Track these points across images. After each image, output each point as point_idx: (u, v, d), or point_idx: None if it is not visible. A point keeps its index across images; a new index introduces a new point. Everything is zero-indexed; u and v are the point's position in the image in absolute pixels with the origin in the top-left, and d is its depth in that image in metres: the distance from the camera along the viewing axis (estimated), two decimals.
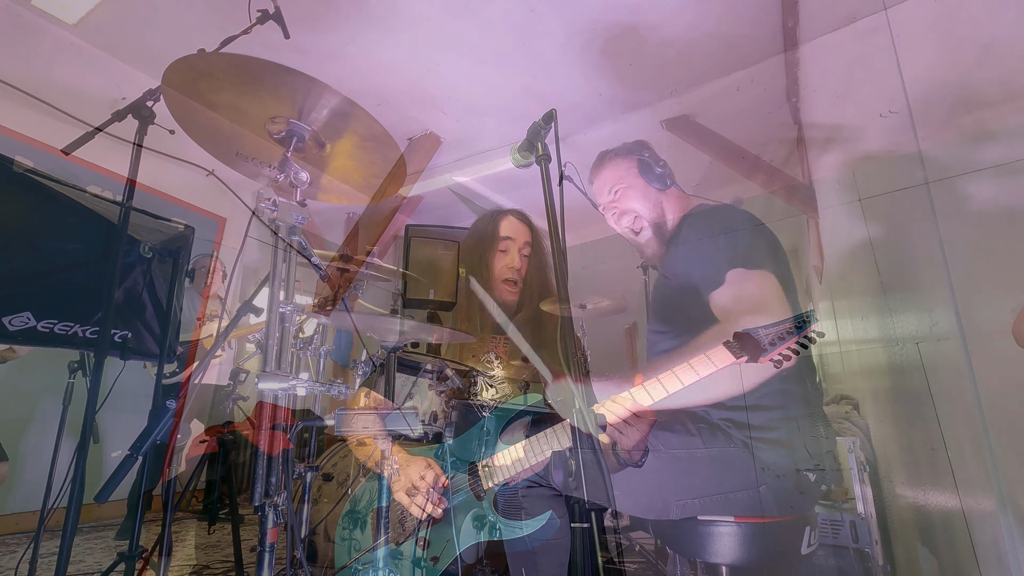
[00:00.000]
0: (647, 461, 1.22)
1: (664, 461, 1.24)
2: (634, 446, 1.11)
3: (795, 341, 1.05)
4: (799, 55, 2.64)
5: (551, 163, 1.05)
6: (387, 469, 1.17)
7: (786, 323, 1.06)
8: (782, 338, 1.05)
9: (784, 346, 1.05)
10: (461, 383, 1.38)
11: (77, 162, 3.02)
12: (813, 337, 1.07)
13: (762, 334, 1.06)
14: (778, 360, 1.06)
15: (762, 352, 1.04)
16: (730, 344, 1.07)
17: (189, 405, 1.37)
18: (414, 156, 3.46)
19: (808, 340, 1.07)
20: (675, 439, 1.25)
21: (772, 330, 1.06)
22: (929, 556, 1.70)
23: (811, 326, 1.07)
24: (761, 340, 1.05)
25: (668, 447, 1.25)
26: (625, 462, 1.15)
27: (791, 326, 1.06)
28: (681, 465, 1.24)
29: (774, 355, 1.05)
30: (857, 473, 1.96)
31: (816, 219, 2.88)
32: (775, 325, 1.06)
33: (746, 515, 1.20)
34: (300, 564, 1.20)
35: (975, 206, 1.30)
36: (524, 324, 1.74)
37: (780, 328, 1.06)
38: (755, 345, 1.05)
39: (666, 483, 1.24)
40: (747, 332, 1.07)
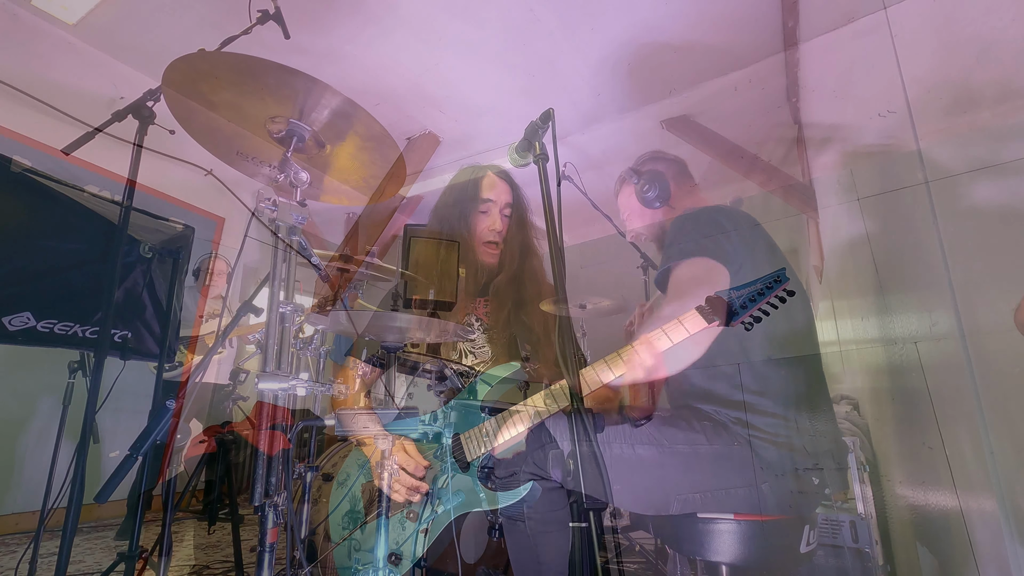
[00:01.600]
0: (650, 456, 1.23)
1: (667, 455, 1.24)
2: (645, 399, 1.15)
3: (765, 302, 1.09)
4: (798, 55, 2.64)
5: (549, 162, 1.05)
6: (386, 470, 1.17)
7: (756, 284, 1.10)
8: (753, 300, 1.09)
9: (755, 307, 1.09)
10: (461, 383, 1.38)
11: (77, 162, 3.02)
12: (784, 296, 1.11)
13: (733, 296, 1.10)
14: (749, 322, 1.10)
15: (733, 316, 1.09)
16: (702, 308, 1.11)
17: (189, 405, 1.38)
18: (413, 156, 3.46)
19: (779, 300, 1.10)
20: (679, 435, 1.26)
21: (743, 291, 1.10)
22: (929, 556, 1.70)
23: (782, 285, 1.10)
24: (733, 303, 1.09)
25: (672, 442, 1.25)
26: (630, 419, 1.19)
27: (761, 287, 1.10)
28: (683, 460, 1.24)
29: (745, 317, 1.09)
30: (857, 473, 1.96)
31: (815, 219, 2.88)
32: (746, 287, 1.10)
33: (746, 512, 1.21)
34: (300, 564, 1.20)
35: (974, 206, 1.30)
36: (505, 286, 1.74)
37: (751, 290, 1.10)
38: (726, 308, 1.09)
39: (667, 478, 1.24)
40: (718, 296, 1.11)
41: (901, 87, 1.54)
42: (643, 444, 1.25)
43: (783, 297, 1.10)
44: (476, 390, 1.34)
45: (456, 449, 1.31)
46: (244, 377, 2.52)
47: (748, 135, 3.20)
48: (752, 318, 1.10)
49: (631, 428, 1.26)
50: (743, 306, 1.09)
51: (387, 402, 1.36)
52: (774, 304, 1.10)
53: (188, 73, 1.10)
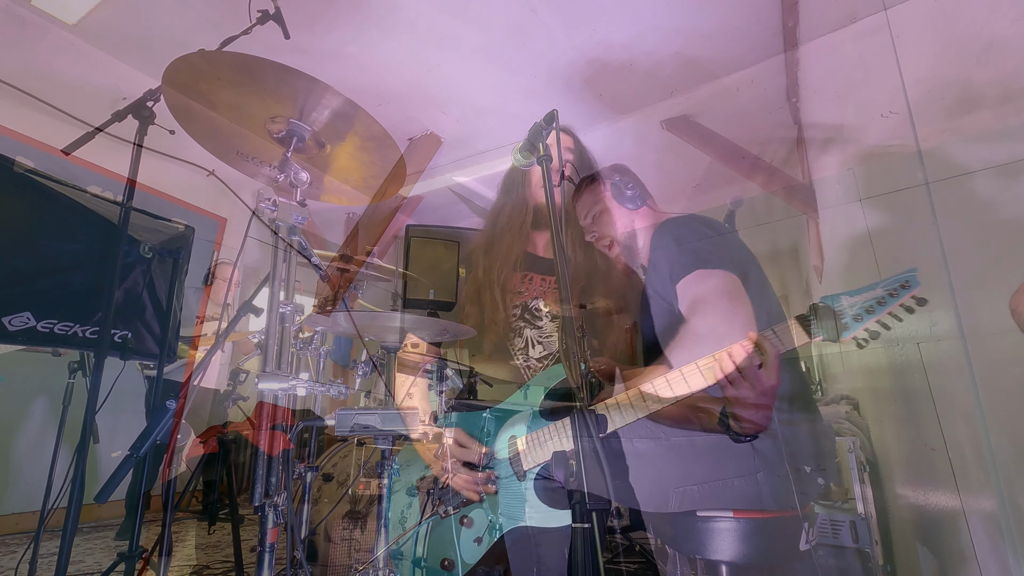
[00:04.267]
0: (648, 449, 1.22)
1: (665, 448, 1.24)
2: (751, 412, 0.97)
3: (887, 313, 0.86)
4: (799, 55, 2.64)
5: (552, 163, 1.05)
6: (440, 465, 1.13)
7: (876, 289, 0.87)
8: (871, 310, 0.86)
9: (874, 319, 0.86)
10: (461, 383, 1.38)
11: (77, 162, 3.03)
12: (912, 306, 0.87)
13: (845, 304, 0.88)
14: (864, 338, 0.88)
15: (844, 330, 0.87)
16: (803, 319, 0.91)
17: (188, 406, 1.38)
18: (414, 156, 3.46)
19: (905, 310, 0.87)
20: (676, 427, 1.26)
21: (857, 299, 0.88)
22: (929, 556, 1.70)
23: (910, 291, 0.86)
24: (843, 313, 0.88)
25: (669, 435, 1.25)
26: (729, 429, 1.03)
27: (883, 293, 0.87)
28: (681, 453, 1.24)
29: (859, 332, 0.87)
30: (857, 473, 1.96)
31: (816, 219, 2.88)
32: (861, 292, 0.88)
33: (744, 506, 1.20)
34: (300, 564, 1.20)
35: (975, 206, 1.30)
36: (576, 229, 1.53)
37: (868, 297, 0.87)
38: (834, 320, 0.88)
39: (665, 471, 1.24)
40: (824, 303, 0.89)
41: (902, 88, 1.54)
42: (640, 438, 1.25)
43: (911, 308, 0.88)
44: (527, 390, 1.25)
45: (513, 455, 1.20)
46: (244, 377, 2.52)
47: (749, 136, 3.20)
48: (869, 333, 0.88)
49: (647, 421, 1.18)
50: (857, 317, 0.88)
51: (387, 402, 1.36)
52: (898, 316, 0.88)
53: (188, 73, 1.10)
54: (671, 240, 1.37)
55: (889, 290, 0.88)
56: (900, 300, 0.88)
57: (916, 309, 0.88)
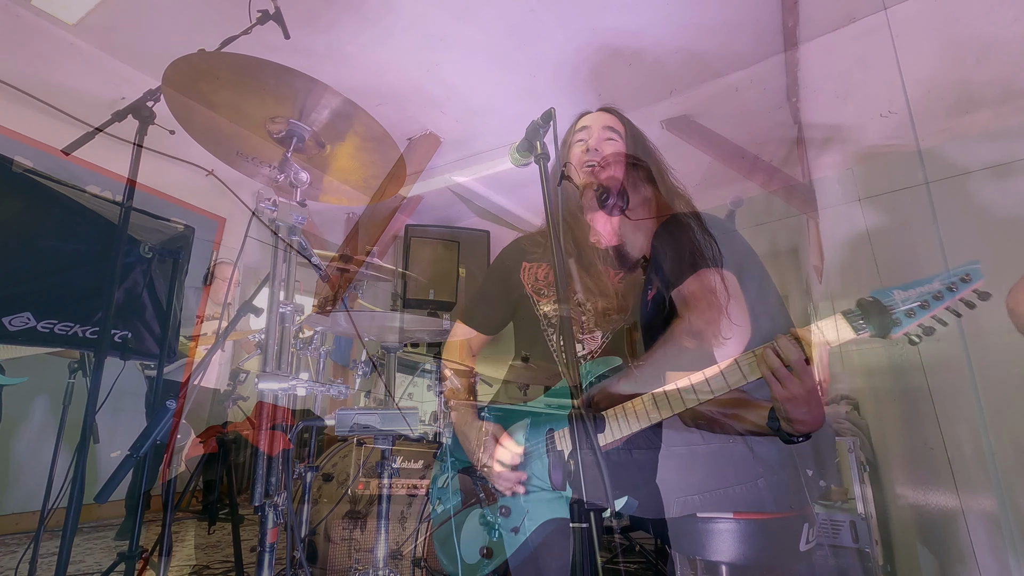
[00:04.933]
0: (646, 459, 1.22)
1: (663, 458, 1.24)
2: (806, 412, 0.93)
3: (944, 307, 0.81)
4: (799, 55, 2.64)
5: (550, 162, 1.05)
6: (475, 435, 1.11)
7: (932, 283, 0.82)
8: (925, 305, 0.80)
9: (929, 314, 0.81)
10: (460, 384, 1.38)
11: (77, 162, 3.03)
12: (972, 301, 0.81)
13: (897, 299, 0.83)
14: (917, 334, 0.82)
15: (895, 325, 0.82)
16: (850, 314, 0.85)
17: (188, 407, 1.37)
18: (414, 156, 3.46)
19: (966, 305, 0.81)
20: (675, 435, 1.25)
21: (911, 292, 0.82)
22: (929, 556, 1.70)
23: (971, 285, 0.80)
24: (895, 307, 0.82)
25: (668, 444, 1.25)
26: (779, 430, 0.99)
27: (940, 287, 0.81)
28: (680, 461, 1.24)
29: (912, 327, 0.82)
30: (857, 473, 1.96)
31: (816, 219, 2.88)
32: (916, 286, 0.82)
33: (745, 510, 1.20)
34: (300, 564, 1.20)
35: (975, 206, 1.30)
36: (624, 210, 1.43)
37: (923, 291, 0.81)
38: (885, 315, 0.82)
39: (665, 480, 1.24)
40: (875, 297, 0.84)
41: (902, 87, 1.54)
42: (639, 448, 1.25)
43: (972, 303, 0.82)
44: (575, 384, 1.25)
45: (550, 447, 1.20)
46: (244, 377, 2.52)
47: (749, 135, 3.20)
48: (923, 329, 0.82)
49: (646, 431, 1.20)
50: (910, 313, 0.82)
51: (387, 402, 1.36)
52: (957, 311, 0.82)
53: (188, 73, 1.10)
54: (669, 239, 1.36)
55: (947, 284, 0.82)
56: (960, 294, 0.81)
57: (977, 304, 0.81)
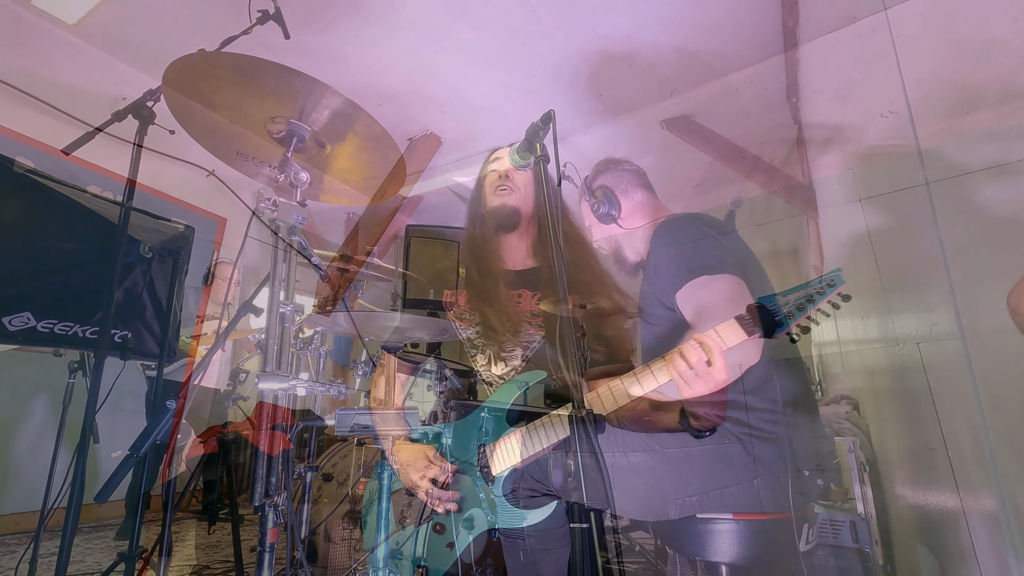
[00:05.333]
0: (644, 462, 1.22)
1: (660, 460, 1.24)
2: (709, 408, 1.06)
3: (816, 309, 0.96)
4: (799, 55, 2.64)
5: (550, 164, 1.05)
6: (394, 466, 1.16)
7: (806, 289, 0.97)
8: (801, 307, 0.96)
9: (804, 315, 0.96)
10: (460, 384, 1.38)
11: (77, 162, 3.03)
12: (837, 302, 0.97)
13: (779, 303, 0.97)
14: (797, 333, 0.97)
15: (778, 326, 0.96)
16: (742, 319, 1.00)
17: (188, 406, 1.38)
18: (414, 156, 3.46)
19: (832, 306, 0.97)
20: (671, 438, 1.25)
21: (790, 298, 0.97)
22: (929, 556, 1.70)
23: (836, 288, 0.95)
24: (777, 310, 0.97)
25: (664, 446, 1.25)
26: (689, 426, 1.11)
27: (812, 292, 0.96)
28: (678, 463, 1.24)
29: (792, 328, 0.96)
30: (857, 473, 1.96)
31: (816, 219, 2.88)
32: (792, 292, 0.97)
33: (743, 511, 1.21)
34: (300, 564, 1.20)
35: (976, 206, 1.30)
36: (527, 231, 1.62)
37: (798, 296, 0.97)
38: (770, 317, 0.97)
39: (663, 482, 1.24)
40: (760, 303, 0.98)
41: (902, 88, 1.54)
42: (636, 451, 1.25)
43: (836, 304, 0.97)
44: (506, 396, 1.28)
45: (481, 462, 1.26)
46: (244, 377, 2.52)
47: (749, 135, 3.20)
48: (800, 328, 0.97)
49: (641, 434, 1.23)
50: (790, 315, 0.96)
51: (387, 402, 1.36)
52: (825, 312, 0.97)
53: (188, 73, 1.10)
54: (670, 242, 1.36)
55: (817, 289, 0.97)
56: (827, 297, 0.97)
57: (841, 305, 0.98)
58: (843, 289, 0.97)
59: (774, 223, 3.21)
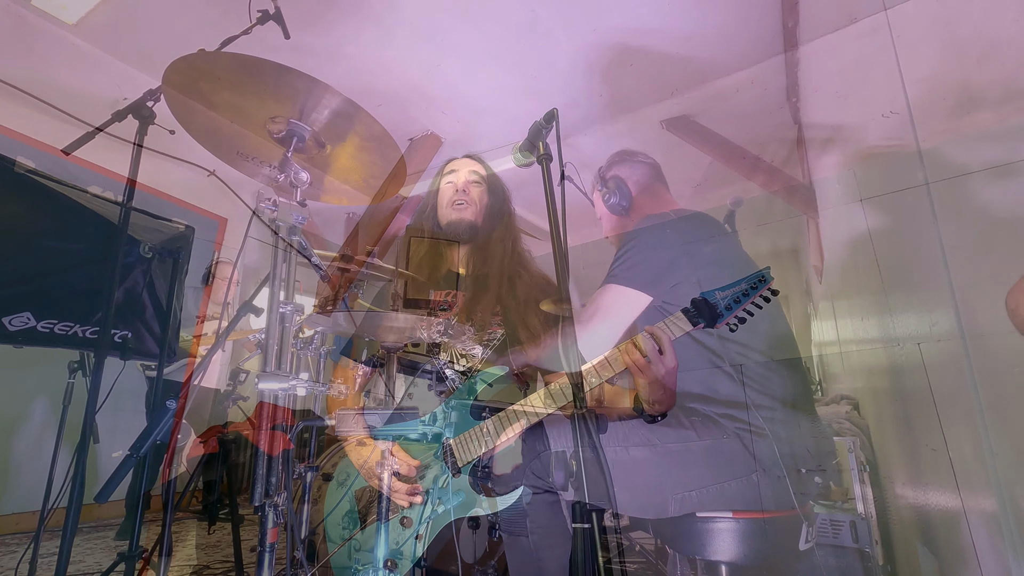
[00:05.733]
0: (644, 457, 1.23)
1: (660, 455, 1.25)
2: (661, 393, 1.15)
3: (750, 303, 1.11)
4: (799, 55, 2.64)
5: (552, 163, 1.05)
6: (386, 470, 1.17)
7: (741, 285, 1.12)
8: (738, 300, 1.10)
9: (740, 308, 1.10)
10: (461, 383, 1.38)
11: (78, 162, 3.02)
12: (768, 296, 1.12)
13: (719, 297, 1.11)
14: (734, 324, 1.11)
15: (718, 317, 1.10)
16: (687, 311, 1.12)
17: (188, 406, 1.38)
18: (415, 156, 3.46)
19: (764, 299, 1.12)
20: (670, 432, 1.26)
21: (728, 292, 1.11)
22: (929, 556, 1.70)
23: (766, 285, 1.11)
24: (717, 304, 1.11)
25: (664, 441, 1.25)
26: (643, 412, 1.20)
27: (746, 287, 1.11)
28: (676, 458, 1.25)
29: (730, 319, 1.10)
30: (857, 473, 1.96)
31: (816, 219, 2.88)
32: (731, 287, 1.12)
33: (743, 507, 1.21)
34: (300, 564, 1.20)
35: (976, 206, 1.30)
36: (482, 247, 1.71)
37: (735, 291, 1.11)
38: (711, 310, 1.10)
39: (663, 478, 1.25)
40: (703, 297, 1.12)
41: (902, 88, 1.54)
42: (636, 446, 1.25)
43: (767, 297, 1.12)
44: (467, 391, 1.33)
45: (447, 455, 1.30)
46: (244, 377, 2.52)
47: (749, 136, 3.20)
48: (737, 319, 1.11)
49: (643, 429, 1.25)
50: (728, 307, 1.10)
51: (387, 402, 1.36)
52: (758, 304, 1.12)
53: (188, 73, 1.10)
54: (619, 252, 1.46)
55: (751, 284, 1.12)
56: (760, 292, 1.11)
57: (772, 298, 1.13)
58: (772, 284, 1.12)
59: (775, 223, 3.22)
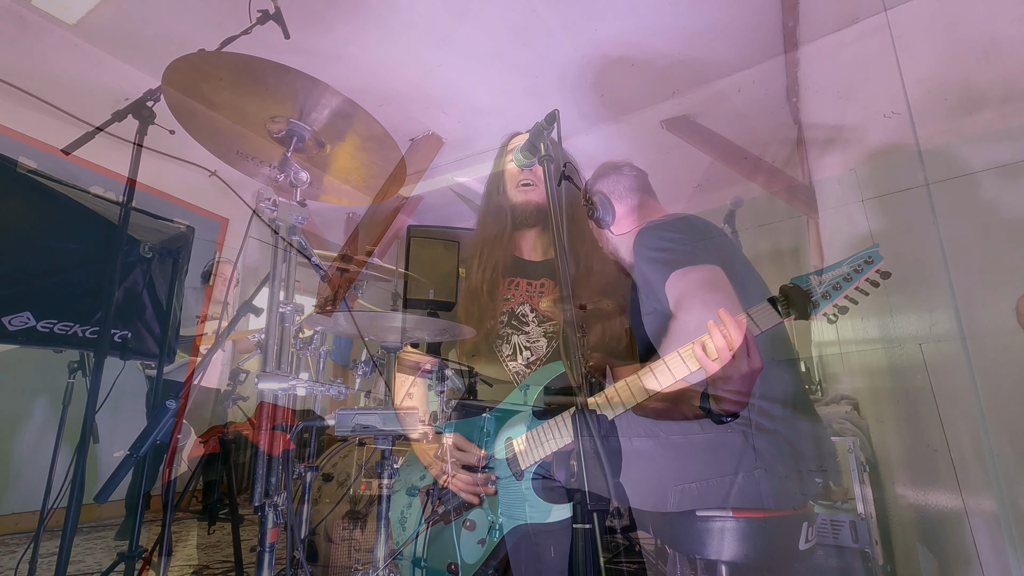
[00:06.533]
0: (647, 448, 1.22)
1: (663, 447, 1.25)
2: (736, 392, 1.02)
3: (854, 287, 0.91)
4: (799, 56, 2.64)
5: (553, 163, 1.05)
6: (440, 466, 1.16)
7: (842, 267, 0.93)
8: (838, 287, 0.91)
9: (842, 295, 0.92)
10: (461, 383, 1.38)
11: (79, 162, 3.03)
12: (877, 280, 0.92)
13: (813, 283, 0.93)
14: (834, 314, 0.93)
15: (813, 307, 0.92)
16: (774, 300, 0.95)
17: (188, 406, 1.37)
18: (416, 156, 3.46)
19: (871, 284, 0.92)
20: (673, 425, 1.26)
21: (825, 277, 0.93)
22: (929, 556, 1.70)
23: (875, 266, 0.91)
24: (813, 291, 0.93)
25: (667, 433, 1.25)
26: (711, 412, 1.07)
27: (848, 270, 0.92)
28: (678, 451, 1.24)
29: (828, 308, 0.92)
30: (857, 473, 1.96)
31: (816, 219, 2.88)
32: (829, 270, 0.93)
33: (743, 503, 1.20)
34: (300, 564, 1.20)
35: (977, 207, 1.30)
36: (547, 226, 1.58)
37: (835, 274, 0.92)
38: (805, 298, 0.93)
39: (664, 469, 1.24)
40: (794, 284, 0.94)
41: (902, 89, 1.54)
42: (639, 436, 1.25)
43: (876, 282, 0.93)
44: (526, 391, 1.27)
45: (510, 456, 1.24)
46: (244, 377, 2.52)
47: (749, 136, 3.20)
48: (838, 309, 0.93)
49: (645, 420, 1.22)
50: (826, 295, 0.92)
51: (387, 402, 1.36)
52: (864, 291, 0.93)
53: (188, 73, 1.09)
54: (647, 248, 1.38)
55: (854, 266, 0.92)
56: (865, 275, 0.92)
57: (881, 283, 0.93)
58: (882, 266, 0.92)
59: (775, 224, 3.22)
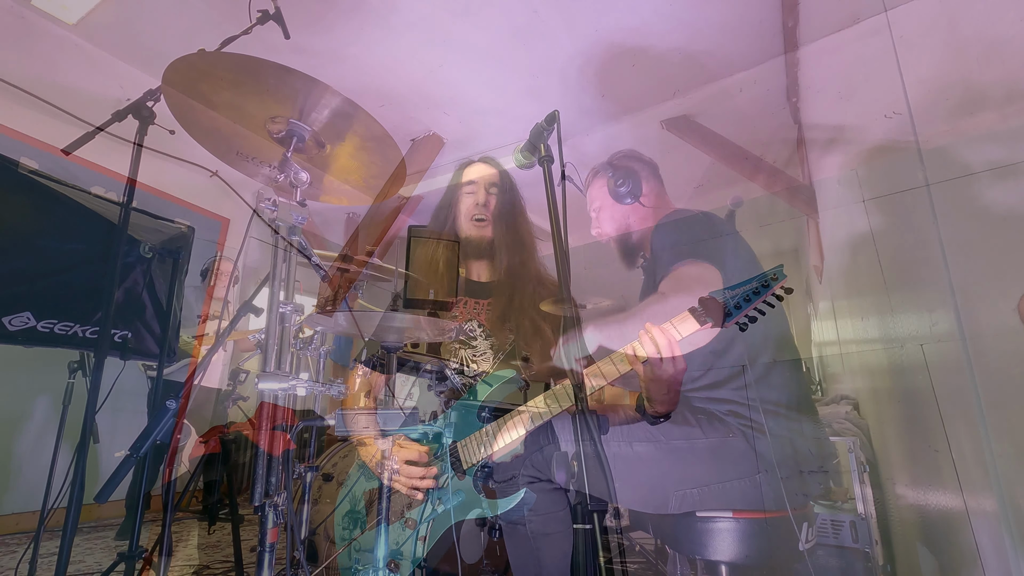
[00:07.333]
0: (648, 452, 1.23)
1: (664, 452, 1.25)
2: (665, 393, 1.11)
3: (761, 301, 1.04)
4: (800, 56, 2.64)
5: (554, 164, 1.05)
6: (387, 469, 1.17)
7: (751, 283, 1.05)
8: (748, 299, 1.04)
9: (751, 307, 1.04)
10: (461, 384, 1.38)
11: (79, 162, 3.03)
12: (781, 295, 1.06)
13: (727, 296, 1.06)
14: (744, 323, 1.05)
15: (727, 316, 1.05)
16: (695, 310, 1.07)
17: (188, 406, 1.37)
18: (417, 156, 3.46)
19: (776, 298, 1.05)
20: (675, 429, 1.26)
21: (737, 291, 1.05)
22: (929, 556, 1.70)
23: (779, 283, 1.04)
24: (726, 303, 1.05)
25: (669, 437, 1.25)
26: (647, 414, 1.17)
27: (757, 286, 1.05)
28: (680, 455, 1.25)
29: (740, 318, 1.05)
30: (857, 473, 1.96)
31: (816, 219, 2.88)
32: (740, 286, 1.06)
33: (743, 507, 1.21)
34: (300, 564, 1.20)
35: (978, 207, 1.30)
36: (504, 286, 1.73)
37: (745, 289, 1.05)
38: (719, 309, 1.05)
39: (665, 474, 1.24)
40: (711, 296, 1.07)
41: (903, 89, 1.54)
42: (641, 441, 1.25)
43: (780, 296, 1.07)
44: (475, 394, 1.33)
45: (452, 457, 1.30)
46: (244, 377, 2.52)
47: (749, 136, 3.19)
48: (747, 318, 1.06)
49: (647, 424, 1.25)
50: (737, 306, 1.05)
51: (388, 402, 1.36)
52: (770, 303, 1.06)
53: (188, 73, 1.09)
54: (667, 242, 1.40)
55: (762, 282, 1.06)
56: (772, 290, 1.05)
57: (784, 296, 1.07)
58: (786, 283, 1.06)
59: (775, 224, 3.22)
